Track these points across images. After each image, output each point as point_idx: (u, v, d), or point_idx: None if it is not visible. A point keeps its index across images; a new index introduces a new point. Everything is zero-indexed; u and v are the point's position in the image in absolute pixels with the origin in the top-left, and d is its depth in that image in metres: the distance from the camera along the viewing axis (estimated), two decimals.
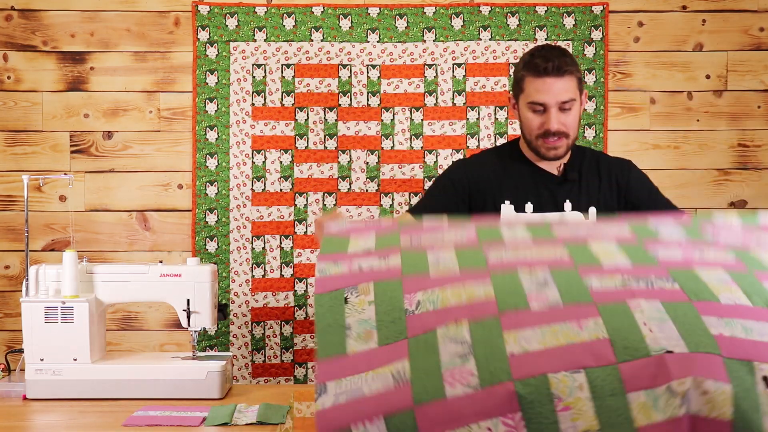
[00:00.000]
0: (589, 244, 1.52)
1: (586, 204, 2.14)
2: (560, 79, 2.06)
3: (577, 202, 2.14)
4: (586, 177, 2.17)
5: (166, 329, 3.13)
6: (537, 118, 2.09)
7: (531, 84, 2.08)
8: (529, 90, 2.09)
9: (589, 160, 2.21)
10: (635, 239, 1.54)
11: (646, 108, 3.14)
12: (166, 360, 2.10)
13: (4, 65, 3.06)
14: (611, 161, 2.25)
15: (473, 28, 3.08)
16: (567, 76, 2.07)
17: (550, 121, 2.07)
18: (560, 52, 2.11)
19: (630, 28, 3.12)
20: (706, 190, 3.16)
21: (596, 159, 2.23)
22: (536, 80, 2.07)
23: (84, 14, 3.06)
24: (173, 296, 2.10)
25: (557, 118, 2.07)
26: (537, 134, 2.10)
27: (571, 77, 2.09)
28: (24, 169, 3.04)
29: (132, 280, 2.09)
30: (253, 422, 1.80)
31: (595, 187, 2.16)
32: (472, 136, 3.10)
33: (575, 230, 1.60)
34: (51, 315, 2.03)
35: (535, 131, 2.10)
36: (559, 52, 2.11)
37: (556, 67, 2.06)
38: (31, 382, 2.02)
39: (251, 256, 3.08)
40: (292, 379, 3.12)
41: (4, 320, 3.10)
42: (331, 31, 3.07)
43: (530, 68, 2.09)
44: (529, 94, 2.10)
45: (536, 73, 2.07)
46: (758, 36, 3.13)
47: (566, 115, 2.08)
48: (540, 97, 2.07)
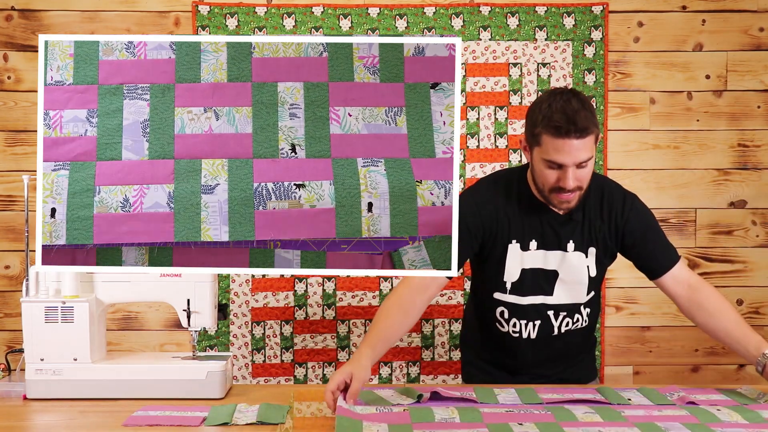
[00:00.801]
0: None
1: (587, 244, 2.11)
2: (581, 140, 1.93)
3: (580, 243, 2.10)
4: (589, 216, 2.10)
5: (166, 329, 3.13)
6: (553, 173, 1.98)
7: (549, 143, 1.95)
8: (547, 148, 1.96)
9: (594, 197, 2.11)
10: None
11: (646, 108, 3.14)
12: (166, 360, 2.09)
13: (4, 65, 3.06)
14: (614, 197, 2.13)
15: (473, 28, 3.08)
16: (587, 137, 1.94)
17: (567, 180, 1.96)
18: (580, 103, 1.95)
19: (630, 28, 3.12)
20: (706, 190, 3.16)
21: (600, 194, 2.12)
22: (555, 140, 1.93)
23: (84, 14, 3.06)
24: (173, 296, 2.09)
25: (574, 175, 1.96)
26: (551, 188, 2.01)
27: (591, 135, 1.95)
28: (24, 169, 3.04)
29: (132, 280, 2.08)
30: (253, 422, 1.80)
31: (597, 227, 2.10)
32: (472, 136, 3.10)
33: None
34: (51, 315, 2.02)
35: (550, 185, 2.00)
36: (579, 105, 1.94)
37: (579, 128, 1.91)
38: (31, 382, 2.02)
39: None
40: (292, 379, 3.12)
41: (4, 320, 3.10)
42: (331, 32, 3.07)
43: (549, 127, 1.93)
44: (546, 152, 1.96)
45: (556, 134, 1.93)
46: (758, 36, 3.13)
47: (582, 170, 1.97)
48: (558, 157, 1.95)
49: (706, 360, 3.21)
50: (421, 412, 1.80)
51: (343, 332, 3.13)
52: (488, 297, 2.17)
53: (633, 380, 3.19)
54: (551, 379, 2.20)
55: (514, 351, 2.19)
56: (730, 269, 3.18)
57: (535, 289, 2.12)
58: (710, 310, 2.06)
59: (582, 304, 2.15)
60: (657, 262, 2.12)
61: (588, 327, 2.22)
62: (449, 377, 3.15)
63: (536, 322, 2.14)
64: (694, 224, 3.17)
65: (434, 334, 3.14)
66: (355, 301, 3.13)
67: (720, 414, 1.77)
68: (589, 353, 2.31)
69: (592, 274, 2.12)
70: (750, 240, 3.18)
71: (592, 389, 2.00)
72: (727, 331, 2.04)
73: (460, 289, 3.13)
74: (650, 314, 3.17)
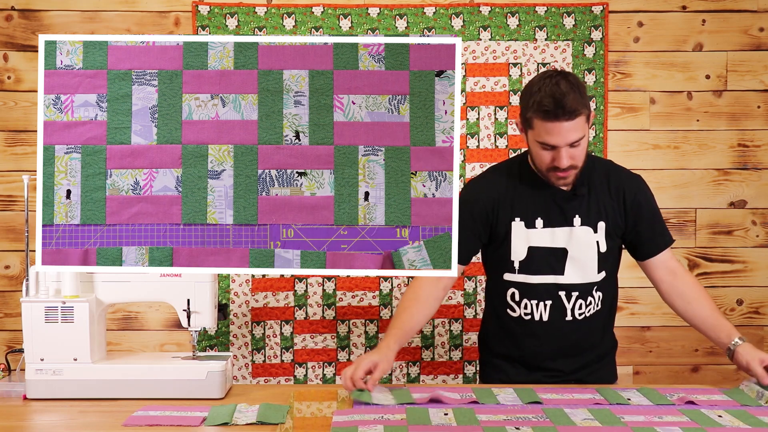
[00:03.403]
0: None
1: (595, 219, 2.13)
2: (570, 122, 1.98)
3: (587, 217, 2.13)
4: (596, 191, 2.14)
5: (166, 329, 3.13)
6: (547, 154, 2.04)
7: (540, 126, 2.01)
8: (539, 130, 2.02)
9: (599, 174, 2.17)
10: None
11: (645, 108, 3.14)
12: (166, 360, 2.09)
13: (4, 65, 3.06)
14: (622, 176, 2.19)
15: (473, 28, 3.08)
16: (577, 118, 1.99)
17: (561, 160, 2.01)
18: (569, 85, 2.00)
19: (630, 28, 3.12)
20: (705, 190, 3.16)
21: (606, 172, 2.18)
22: (545, 123, 1.99)
23: (84, 14, 3.06)
24: (173, 296, 2.09)
25: (567, 154, 2.02)
26: (547, 167, 2.07)
27: (581, 116, 2.00)
28: (24, 169, 3.04)
29: (132, 280, 2.09)
30: (253, 422, 1.80)
31: (604, 202, 2.14)
32: (472, 136, 3.10)
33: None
34: (51, 315, 2.02)
35: (545, 165, 2.07)
36: (568, 87, 1.99)
37: (567, 111, 1.97)
38: (31, 382, 2.02)
39: None
40: (292, 379, 3.12)
41: (4, 320, 3.10)
42: (332, 32, 3.07)
43: (538, 110, 1.99)
44: (538, 134, 2.03)
45: (545, 117, 1.99)
46: (758, 36, 3.13)
47: (575, 149, 2.03)
48: (550, 139, 2.01)
49: (706, 360, 3.21)
50: (418, 414, 1.80)
51: (343, 332, 3.13)
52: (499, 280, 2.20)
53: (633, 380, 3.19)
54: (569, 379, 2.19)
55: (527, 337, 2.19)
56: (730, 269, 3.18)
57: (544, 268, 2.14)
58: (688, 299, 2.17)
59: (594, 285, 2.16)
60: (652, 243, 2.18)
61: (604, 320, 2.23)
62: (449, 377, 3.15)
63: (547, 303, 2.15)
64: (694, 224, 3.17)
65: (434, 334, 3.14)
66: (355, 301, 3.13)
67: (722, 420, 1.77)
68: (609, 355, 2.29)
69: (602, 249, 2.14)
70: (750, 240, 3.18)
71: (592, 389, 2.00)
72: (702, 318, 2.15)
73: (460, 289, 3.13)
74: (650, 314, 3.17)
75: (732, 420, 1.77)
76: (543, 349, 2.19)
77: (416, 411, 1.82)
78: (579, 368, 2.21)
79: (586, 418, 1.77)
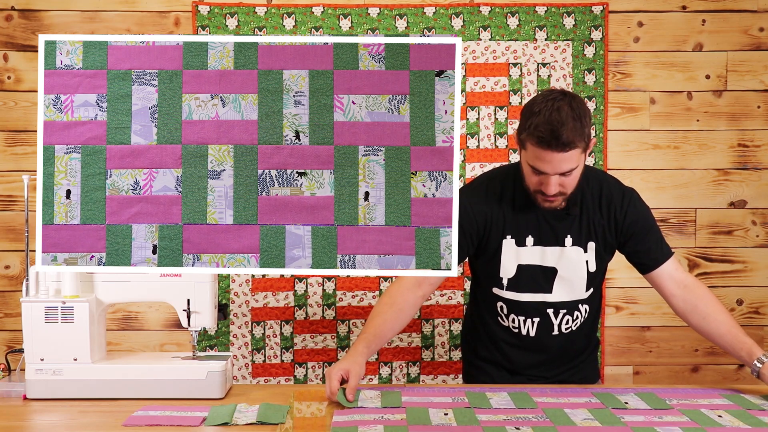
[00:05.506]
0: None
1: (586, 239, 2.11)
2: (564, 154, 1.91)
3: (578, 237, 2.10)
4: (587, 211, 2.10)
5: (166, 329, 3.13)
6: (536, 177, 1.99)
7: (532, 150, 1.94)
8: (531, 154, 1.95)
9: (591, 192, 2.11)
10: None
11: (645, 108, 3.14)
12: (166, 360, 2.09)
13: (4, 65, 3.06)
14: (613, 193, 2.12)
15: (473, 28, 3.08)
16: (572, 150, 1.90)
17: (549, 187, 1.96)
18: (570, 112, 1.90)
19: (630, 28, 3.12)
20: (705, 190, 3.16)
21: (599, 189, 2.11)
22: (538, 150, 1.92)
23: (84, 14, 3.06)
24: (173, 296, 2.09)
25: (556, 182, 1.96)
26: (534, 190, 2.02)
27: (576, 149, 1.91)
28: (24, 169, 3.04)
29: (132, 280, 2.08)
30: (253, 422, 1.80)
31: (595, 221, 2.10)
32: (472, 136, 3.10)
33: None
34: (51, 315, 2.02)
35: (533, 186, 2.02)
36: (569, 114, 1.90)
37: (561, 143, 1.88)
38: (31, 382, 2.02)
39: None
40: (292, 379, 3.13)
41: (4, 320, 3.10)
42: (332, 32, 3.07)
43: (533, 135, 1.91)
44: (530, 157, 1.96)
45: (539, 144, 1.91)
46: (758, 36, 3.13)
47: (566, 178, 1.97)
48: (541, 166, 1.94)
49: (706, 360, 3.21)
50: (418, 414, 1.80)
51: (343, 332, 3.13)
52: (488, 292, 2.18)
53: (633, 380, 3.19)
54: (551, 381, 2.20)
55: (514, 348, 2.19)
56: (730, 269, 3.18)
57: (532, 287, 2.12)
58: (703, 314, 2.07)
59: (581, 301, 2.15)
60: (651, 257, 2.12)
61: (589, 328, 2.22)
62: (449, 377, 3.15)
63: (535, 320, 2.14)
64: (694, 224, 3.17)
65: (434, 334, 3.14)
66: (355, 301, 3.13)
67: (722, 420, 1.77)
68: (591, 354, 2.30)
69: (591, 269, 2.12)
70: (750, 240, 3.18)
71: (588, 393, 2.00)
72: (720, 334, 2.06)
73: (460, 289, 3.13)
74: (650, 314, 3.17)
75: (732, 420, 1.77)
76: (529, 359, 2.19)
77: (416, 411, 1.82)
78: (563, 371, 2.22)
79: (586, 418, 1.77)
